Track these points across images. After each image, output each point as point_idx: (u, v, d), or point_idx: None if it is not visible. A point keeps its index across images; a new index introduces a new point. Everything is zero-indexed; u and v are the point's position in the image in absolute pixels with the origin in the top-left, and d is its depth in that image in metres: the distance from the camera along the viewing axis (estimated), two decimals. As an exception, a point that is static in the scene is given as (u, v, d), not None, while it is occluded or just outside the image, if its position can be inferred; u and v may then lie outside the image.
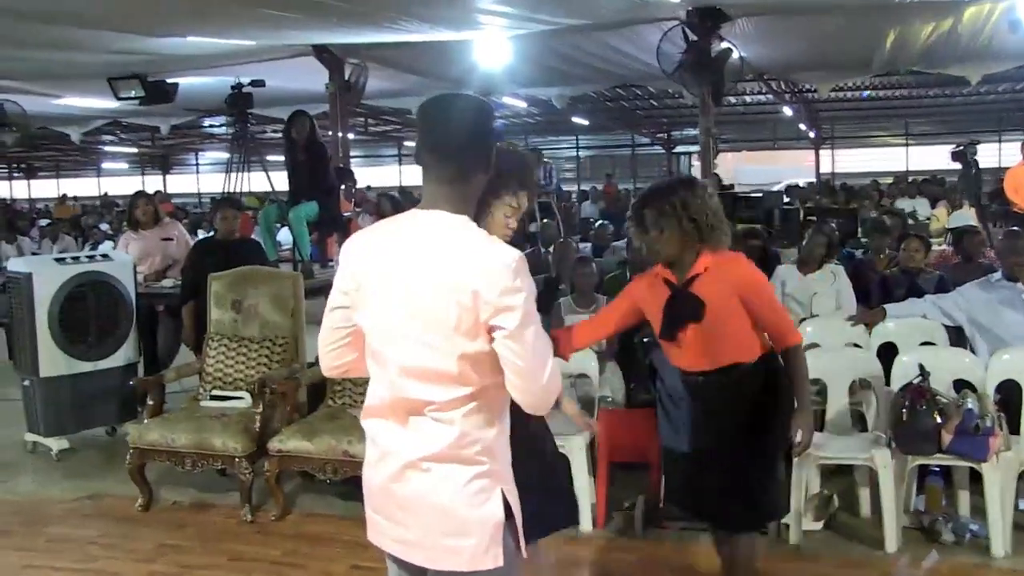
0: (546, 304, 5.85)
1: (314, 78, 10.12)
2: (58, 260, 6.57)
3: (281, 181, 8.69)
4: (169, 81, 10.34)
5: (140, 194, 7.89)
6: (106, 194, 26.16)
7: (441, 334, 2.17)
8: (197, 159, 30.74)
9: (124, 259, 6.80)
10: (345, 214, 9.81)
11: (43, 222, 16.41)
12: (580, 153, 29.10)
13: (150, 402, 5.47)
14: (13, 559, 4.83)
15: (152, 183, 27.60)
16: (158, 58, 9.55)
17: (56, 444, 6.35)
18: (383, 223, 2.38)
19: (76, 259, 6.57)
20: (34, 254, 12.03)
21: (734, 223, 9.17)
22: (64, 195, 24.78)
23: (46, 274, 6.23)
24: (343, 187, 9.82)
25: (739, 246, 6.74)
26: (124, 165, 31.17)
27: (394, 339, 2.24)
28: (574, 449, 4.77)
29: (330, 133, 10.28)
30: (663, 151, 27.25)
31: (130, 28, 8.22)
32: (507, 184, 2.76)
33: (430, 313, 2.17)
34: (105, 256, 6.81)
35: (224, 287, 5.87)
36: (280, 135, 8.95)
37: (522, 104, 16.54)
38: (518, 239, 8.72)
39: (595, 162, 29.67)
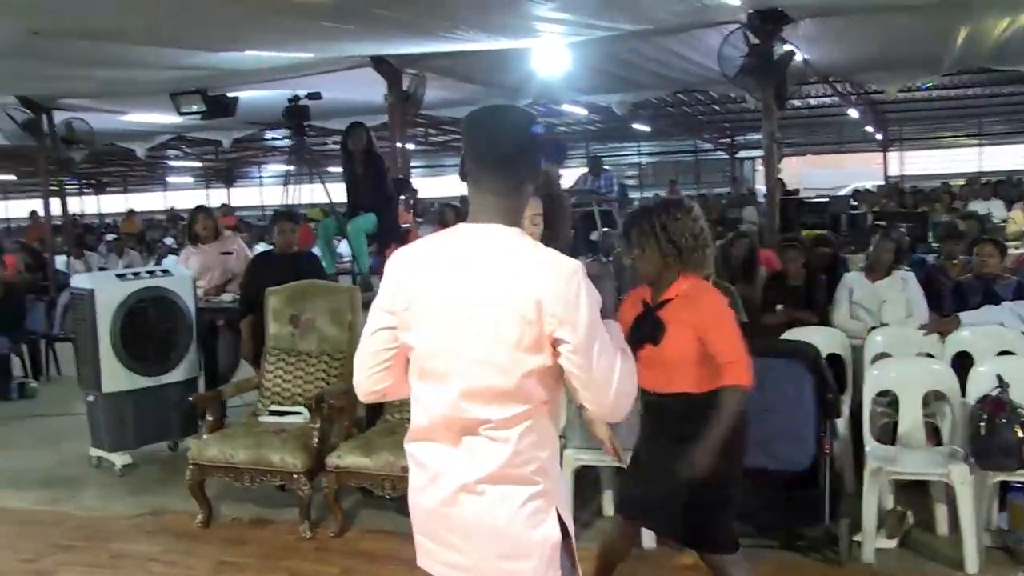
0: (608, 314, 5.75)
1: (374, 89, 10.11)
2: (119, 276, 6.64)
3: (342, 193, 8.69)
4: (229, 95, 10.42)
5: (200, 208, 7.95)
6: (172, 208, 26.63)
7: (504, 352, 2.12)
8: (260, 172, 31.17)
9: (183, 274, 6.85)
10: (404, 225, 9.79)
11: (109, 237, 16.70)
12: (642, 160, 28.89)
13: (209, 417, 5.48)
14: (77, 575, 4.86)
15: (217, 196, 28.06)
16: (218, 73, 9.64)
17: (120, 459, 6.41)
18: (429, 238, 2.32)
19: (136, 275, 6.63)
20: (101, 269, 12.22)
21: (799, 229, 9.04)
22: (131, 210, 25.26)
23: (107, 290, 6.29)
24: (402, 198, 9.79)
25: (805, 254, 6.63)
26: (189, 179, 31.75)
27: (453, 358, 2.18)
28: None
29: (391, 144, 10.27)
30: (727, 156, 26.96)
31: (191, 44, 8.31)
32: None
33: (492, 330, 2.12)
34: (165, 271, 6.87)
35: (281, 301, 5.85)
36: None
37: (583, 111, 16.46)
38: (582, 249, 8.66)
39: (658, 168, 29.48)
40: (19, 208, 28.37)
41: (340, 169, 8.71)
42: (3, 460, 6.96)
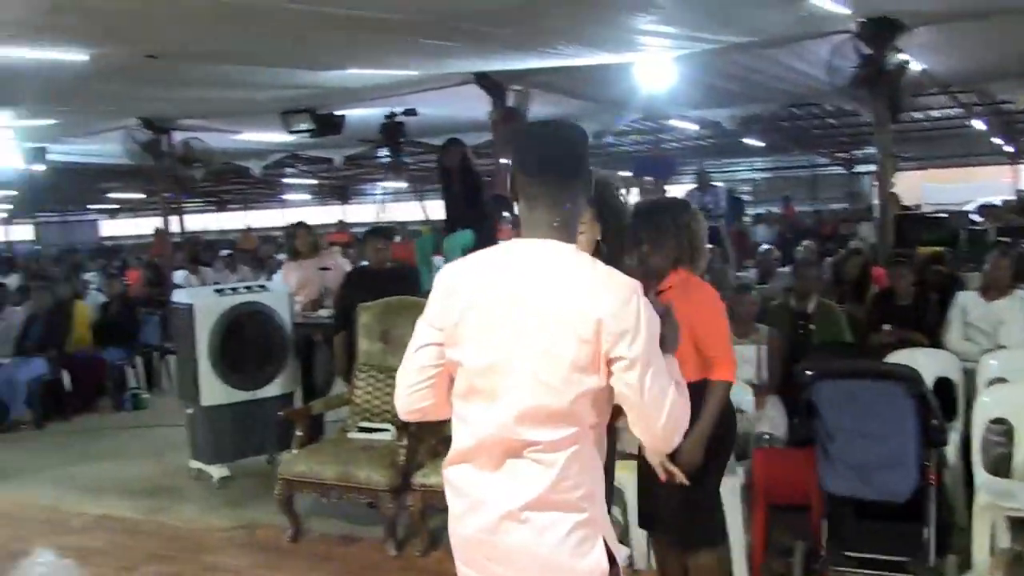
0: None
1: (480, 105, 10.11)
2: (218, 291, 6.76)
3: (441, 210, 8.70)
4: (336, 113, 10.58)
5: (299, 224, 8.06)
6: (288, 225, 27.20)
7: (559, 372, 2.05)
8: (374, 189, 31.61)
9: (280, 289, 6.93)
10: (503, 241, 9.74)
11: (223, 252, 17.14)
12: (756, 175, 28.29)
13: (299, 433, 5.48)
14: (171, 586, 4.94)
15: (333, 213, 28.61)
16: (326, 91, 9.81)
17: (217, 472, 6.51)
18: (481, 253, 2.25)
19: (234, 290, 6.73)
20: (216, 283, 12.51)
21: (911, 246, 8.63)
22: (248, 227, 25.97)
23: (206, 305, 6.40)
24: (504, 215, 9.74)
25: (915, 272, 6.31)
26: (307, 196, 32.41)
27: (504, 376, 2.10)
28: (727, 490, 4.47)
29: (494, 161, 10.25)
30: (844, 171, 26.16)
31: (298, 63, 8.46)
32: None
33: (548, 348, 2.05)
34: (262, 287, 6.97)
35: (372, 317, 5.83)
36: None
37: (693, 127, 16.16)
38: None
39: (772, 184, 28.81)
40: (148, 225, 29.44)
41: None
42: (113, 469, 7.19)
